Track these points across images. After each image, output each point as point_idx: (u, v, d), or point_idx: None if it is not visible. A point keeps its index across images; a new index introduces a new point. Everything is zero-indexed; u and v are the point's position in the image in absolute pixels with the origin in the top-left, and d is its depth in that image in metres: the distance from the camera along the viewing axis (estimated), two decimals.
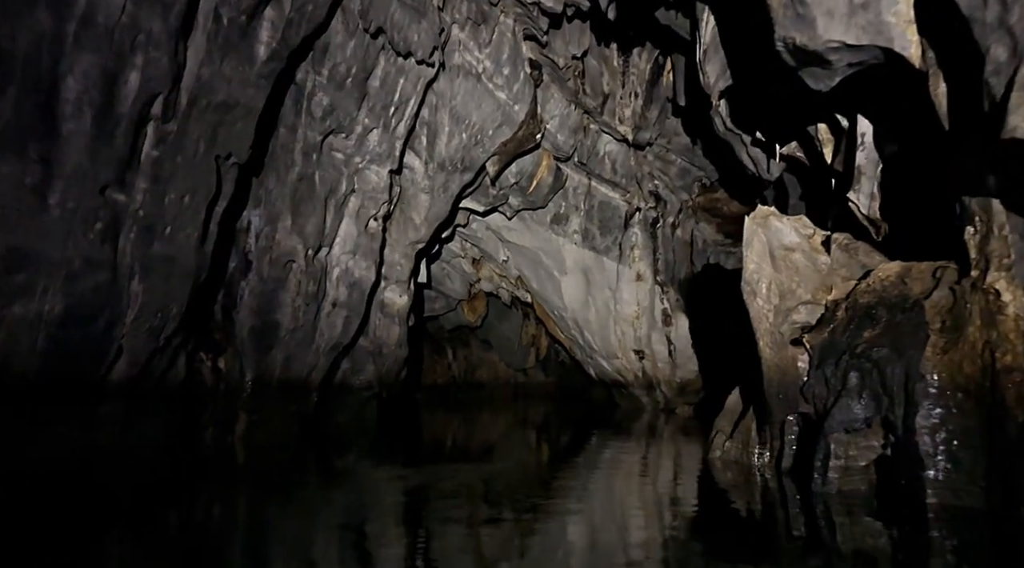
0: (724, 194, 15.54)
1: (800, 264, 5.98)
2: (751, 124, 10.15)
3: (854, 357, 5.33)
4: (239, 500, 6.38)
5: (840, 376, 5.39)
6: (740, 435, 6.99)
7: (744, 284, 6.04)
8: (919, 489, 5.00)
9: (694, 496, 6.12)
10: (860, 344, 5.37)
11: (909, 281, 5.49)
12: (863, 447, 5.38)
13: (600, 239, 15.27)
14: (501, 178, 13.53)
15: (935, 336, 5.08)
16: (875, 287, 5.63)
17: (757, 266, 5.95)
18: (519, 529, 4.87)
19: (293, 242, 9.79)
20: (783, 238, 6.05)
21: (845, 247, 6.33)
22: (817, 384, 5.59)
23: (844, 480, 5.44)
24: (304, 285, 10.04)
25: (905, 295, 5.44)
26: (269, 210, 9.78)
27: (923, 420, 4.97)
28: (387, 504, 5.88)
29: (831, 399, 5.47)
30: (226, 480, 7.38)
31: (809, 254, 6.04)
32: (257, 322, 9.75)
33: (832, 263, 6.14)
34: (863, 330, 5.51)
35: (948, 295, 5.18)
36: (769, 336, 5.89)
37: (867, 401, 5.27)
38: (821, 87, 6.16)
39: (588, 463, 8.29)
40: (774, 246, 6.00)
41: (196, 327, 9.69)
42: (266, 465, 8.41)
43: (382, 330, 12.23)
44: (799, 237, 6.09)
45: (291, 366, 10.24)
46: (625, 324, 15.35)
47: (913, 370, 5.02)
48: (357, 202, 10.64)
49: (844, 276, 6.21)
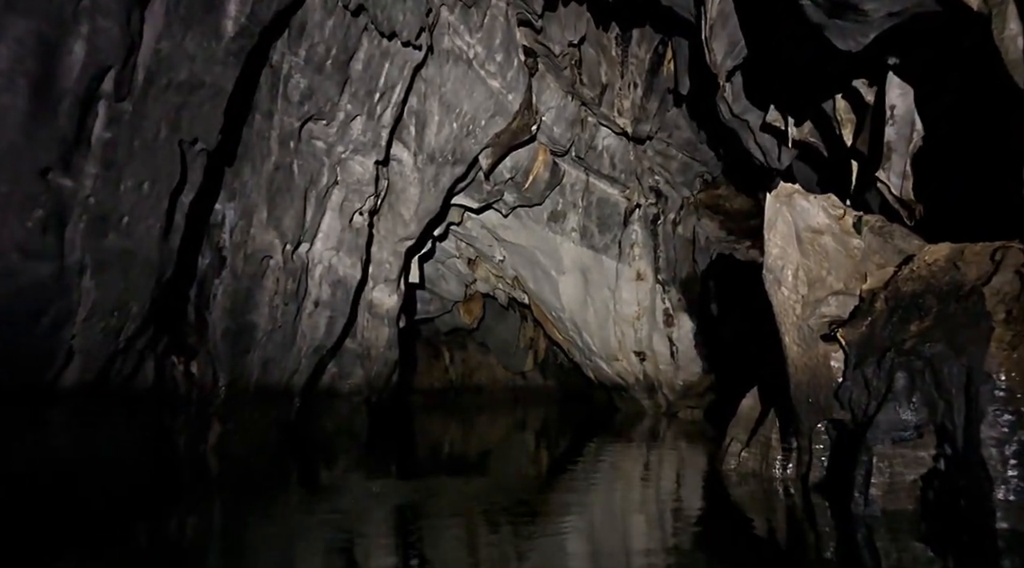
0: (727, 190, 14.62)
1: (830, 248, 5.04)
2: (760, 107, 9.23)
3: (901, 354, 4.38)
4: (204, 518, 5.44)
5: (884, 377, 4.44)
6: (759, 444, 6.04)
7: (766, 272, 5.10)
8: (985, 512, 4.04)
9: (710, 515, 5.17)
10: (908, 339, 4.42)
11: (962, 265, 4.55)
12: (911, 460, 4.43)
13: (599, 237, 14.33)
14: (495, 173, 12.60)
15: (1000, 329, 4.13)
16: (921, 273, 4.69)
17: (781, 251, 5.01)
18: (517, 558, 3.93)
19: (269, 237, 8.86)
20: (810, 219, 5.11)
21: (879, 230, 5.39)
22: (855, 387, 4.64)
23: (888, 498, 4.49)
24: (283, 283, 9.11)
25: (959, 281, 4.50)
26: (244, 203, 8.86)
27: (989, 429, 4.02)
28: (373, 523, 4.94)
29: (873, 404, 4.52)
30: (193, 494, 6.44)
31: (840, 237, 5.10)
32: (231, 323, 8.81)
33: (865, 248, 5.20)
34: (908, 323, 4.57)
35: (1013, 280, 4.24)
36: (796, 331, 4.95)
37: (918, 406, 4.32)
38: (851, 46, 5.23)
39: (590, 475, 7.34)
40: (800, 228, 5.07)
41: (167, 329, 8.76)
42: (240, 478, 7.46)
43: (370, 332, 11.29)
44: (828, 218, 5.15)
45: (269, 370, 9.30)
46: (625, 325, 14.40)
47: (976, 369, 4.07)
48: (340, 195, 9.71)
49: (879, 263, 5.27)
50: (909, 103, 6.06)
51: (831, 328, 5.08)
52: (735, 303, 12.09)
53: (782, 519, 4.96)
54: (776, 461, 5.80)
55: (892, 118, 6.13)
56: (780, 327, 5.04)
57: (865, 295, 5.00)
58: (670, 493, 6.01)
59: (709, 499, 5.75)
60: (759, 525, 4.84)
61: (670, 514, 5.10)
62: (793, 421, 5.28)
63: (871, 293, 4.97)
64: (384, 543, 4.45)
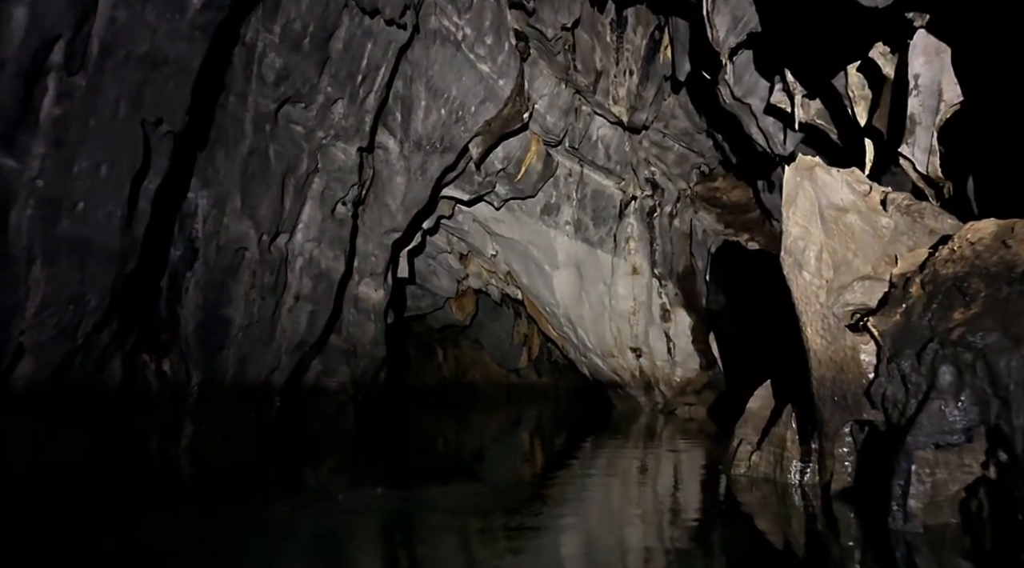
0: (724, 182, 13.95)
1: (856, 228, 4.38)
2: (764, 88, 8.57)
3: (947, 345, 3.71)
4: (171, 530, 4.74)
5: (926, 372, 3.77)
6: (772, 446, 5.36)
7: (784, 255, 4.42)
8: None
9: (721, 527, 4.49)
10: (953, 328, 3.75)
11: (1013, 243, 3.88)
12: (957, 467, 3.75)
13: (593, 230, 13.66)
14: (486, 163, 11.91)
15: None
16: (964, 253, 4.01)
17: (803, 230, 4.34)
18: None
19: (244, 226, 8.16)
20: (833, 195, 4.45)
21: (906, 209, 4.72)
22: (890, 383, 3.96)
23: (928, 512, 3.82)
24: (259, 276, 8.41)
25: (1010, 261, 3.82)
26: (217, 190, 8.16)
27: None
28: (359, 540, 4.25)
29: (912, 403, 3.84)
30: (160, 502, 5.74)
31: (867, 216, 4.43)
32: (203, 317, 8.12)
33: (893, 229, 4.53)
34: (951, 310, 3.89)
35: None
36: (820, 321, 4.27)
37: (967, 405, 3.64)
38: (877, 1, 4.56)
39: (587, 480, 6.64)
40: (823, 205, 4.40)
41: (136, 324, 8.06)
42: (213, 484, 6.75)
43: (356, 327, 10.59)
44: (853, 194, 4.48)
45: (246, 367, 8.60)
46: (621, 320, 13.72)
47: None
48: (321, 183, 9.01)
49: (908, 245, 4.60)
50: (935, 71, 5.39)
51: (854, 317, 4.41)
52: (738, 295, 11.41)
53: (805, 534, 4.28)
54: (793, 466, 5.12)
55: (916, 88, 5.46)
56: (801, 316, 4.37)
57: (896, 280, 4.32)
58: (675, 502, 5.32)
59: (719, 509, 5.06)
60: (779, 542, 4.16)
61: (678, 527, 4.42)
62: (814, 422, 4.60)
63: (903, 278, 4.29)
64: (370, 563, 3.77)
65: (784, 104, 8.21)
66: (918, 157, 5.39)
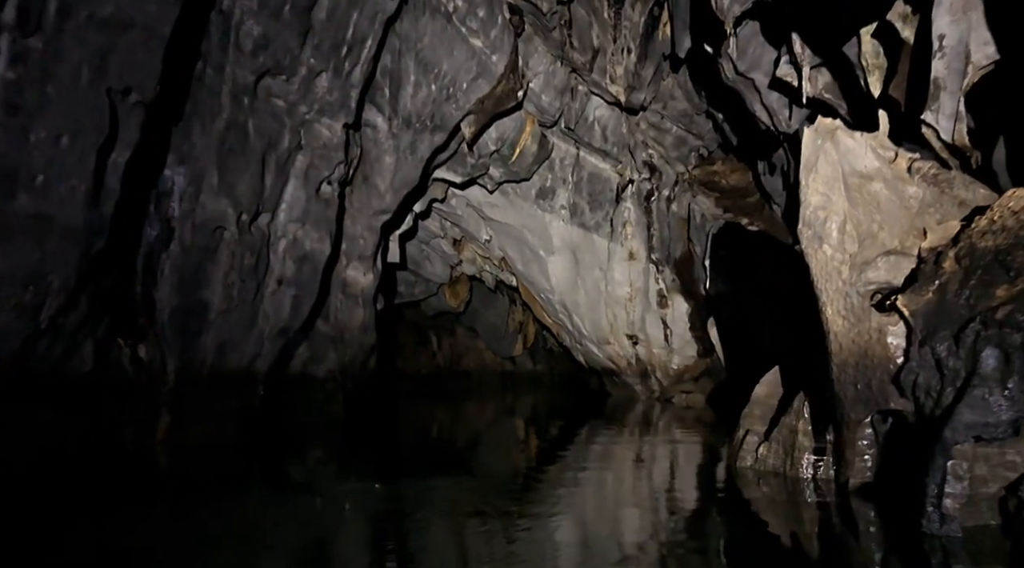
0: (723, 166, 13.44)
1: (882, 198, 3.89)
2: (770, 61, 8.06)
3: (990, 326, 3.23)
4: (144, 527, 4.27)
5: (966, 356, 3.29)
6: (782, 437, 4.89)
7: (803, 227, 3.93)
8: None
9: (729, 528, 4.03)
10: (997, 307, 3.27)
11: None
12: (999, 464, 3.28)
13: (589, 215, 13.14)
14: (479, 144, 11.37)
15: None
16: (1006, 224, 3.52)
17: (824, 199, 3.84)
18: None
19: (221, 205, 7.63)
20: (856, 161, 3.95)
21: (933, 179, 4.22)
22: (923, 369, 3.49)
23: (966, 512, 3.35)
24: (239, 257, 7.89)
25: None
26: (193, 166, 7.62)
27: None
28: (343, 542, 3.79)
29: (949, 391, 3.37)
30: (132, 498, 5.27)
31: (893, 184, 3.94)
32: (179, 301, 7.60)
33: (921, 199, 4.04)
34: (993, 286, 3.42)
35: None
36: (842, 300, 3.79)
37: (1016, 393, 3.17)
38: None
39: (584, 472, 6.18)
40: (845, 172, 3.91)
41: (111, 307, 7.55)
42: (189, 477, 6.30)
43: (344, 313, 10.08)
44: (878, 160, 3.99)
45: (227, 354, 8.09)
46: (617, 307, 13.24)
47: None
48: (305, 161, 8.47)
49: (935, 217, 4.11)
50: (962, 31, 4.88)
51: (875, 297, 3.92)
52: (739, 279, 10.92)
53: (826, 536, 3.81)
54: (805, 459, 4.66)
55: (941, 50, 4.95)
56: (820, 295, 3.88)
57: (926, 255, 3.83)
58: (678, 499, 4.85)
59: (725, 506, 4.59)
60: (797, 546, 3.68)
61: (682, 527, 3.95)
62: (832, 411, 4.13)
63: (934, 252, 3.80)
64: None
65: (791, 77, 7.70)
66: (943, 125, 4.89)
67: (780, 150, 10.22)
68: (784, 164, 10.45)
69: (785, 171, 10.57)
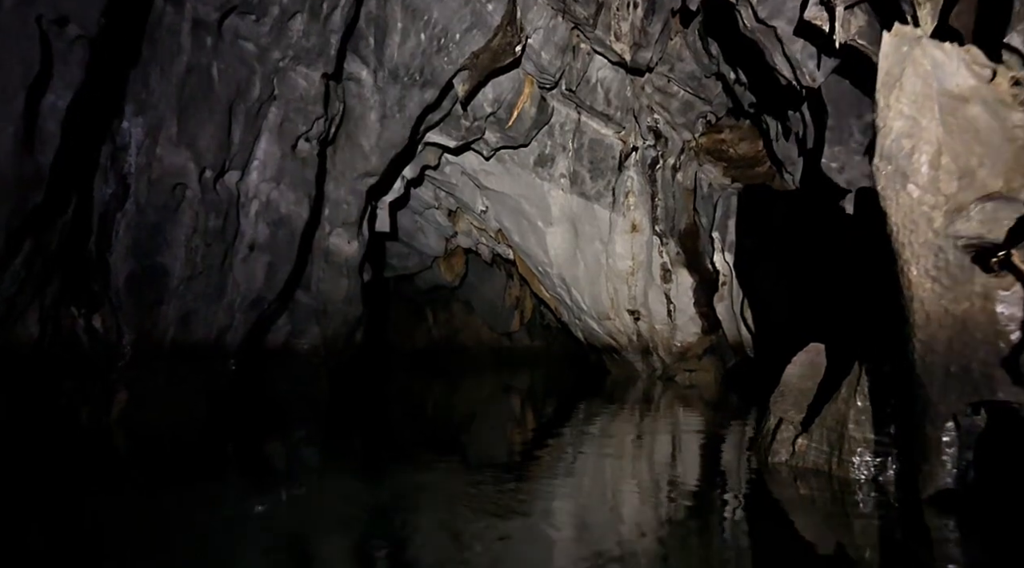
0: (731, 134, 12.37)
1: (981, 125, 2.89)
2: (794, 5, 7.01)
3: None
4: (86, 520, 3.34)
5: None
6: (825, 429, 3.94)
7: (880, 161, 2.93)
8: None
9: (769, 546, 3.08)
10: None
11: None
12: None
13: (590, 184, 12.11)
14: (474, 105, 10.32)
15: None
16: None
17: (911, 124, 2.84)
18: None
19: (181, 158, 6.60)
20: (947, 79, 2.95)
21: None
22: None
23: None
24: (202, 218, 6.88)
25: None
26: (151, 115, 6.60)
27: None
28: (305, 539, 2.85)
29: None
30: (76, 485, 4.34)
31: (994, 109, 2.94)
32: (135, 265, 6.61)
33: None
34: None
35: None
36: (933, 257, 2.82)
37: None
38: None
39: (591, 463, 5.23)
40: (935, 91, 2.92)
41: (62, 272, 6.58)
42: (137, 466, 5.37)
43: (327, 283, 9.10)
44: (974, 78, 2.99)
45: (191, 325, 7.12)
46: (618, 281, 12.26)
47: None
48: (279, 113, 7.44)
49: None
50: None
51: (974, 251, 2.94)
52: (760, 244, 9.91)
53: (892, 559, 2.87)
54: (858, 456, 3.70)
55: None
56: (902, 251, 2.90)
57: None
58: (702, 506, 3.88)
59: (761, 514, 3.63)
60: None
61: (709, 544, 3.00)
62: (910, 401, 3.16)
63: None
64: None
65: (820, 21, 6.65)
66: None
67: (797, 113, 9.18)
68: (800, 129, 9.40)
69: (801, 138, 9.53)
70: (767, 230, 9.95)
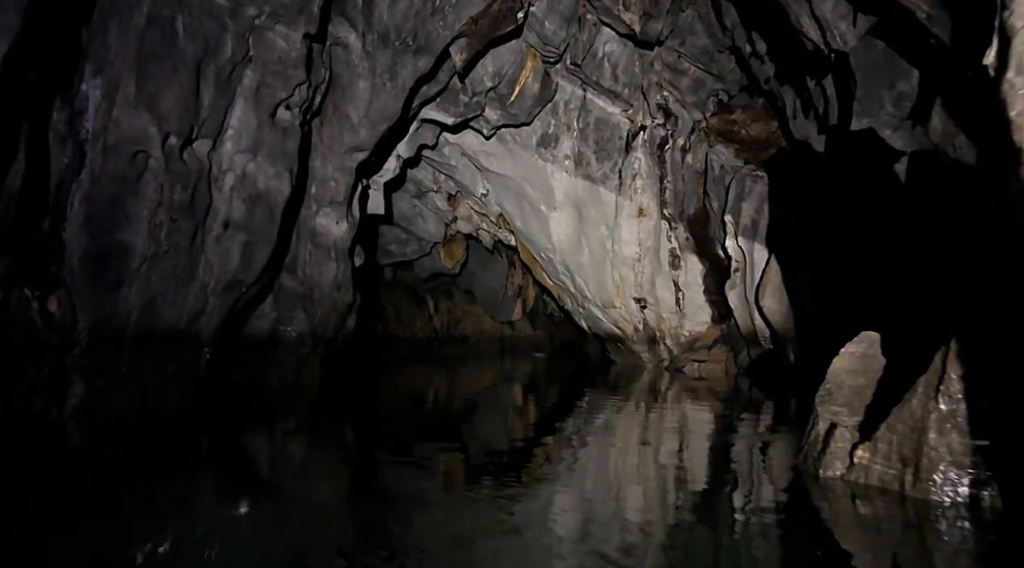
0: (742, 115, 11.47)
1: None
2: None
3: None
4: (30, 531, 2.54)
5: None
6: (899, 438, 3.07)
7: (1016, 75, 2.06)
8: None
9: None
10: None
11: None
12: None
13: (596, 165, 11.22)
14: (474, 79, 9.43)
15: None
16: None
17: None
18: None
19: (141, 122, 5.73)
20: None
21: None
22: None
23: None
24: (168, 191, 6.02)
25: None
26: (109, 74, 5.74)
27: None
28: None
29: None
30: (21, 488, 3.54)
31: None
32: (91, 243, 5.76)
33: None
34: None
35: None
36: None
37: None
38: None
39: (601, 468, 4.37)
40: None
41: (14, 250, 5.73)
42: (88, 459, 4.57)
43: (313, 267, 8.25)
44: None
45: (158, 309, 6.26)
46: (624, 267, 11.38)
47: None
48: (255, 77, 6.56)
49: None
50: None
51: None
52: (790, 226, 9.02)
53: None
54: (942, 474, 2.84)
55: None
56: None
57: None
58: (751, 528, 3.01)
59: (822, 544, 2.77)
60: None
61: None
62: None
63: None
64: None
65: None
66: None
67: (819, 86, 8.28)
68: (822, 104, 8.50)
69: (822, 114, 8.62)
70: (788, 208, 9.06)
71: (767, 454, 4.59)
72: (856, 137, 7.06)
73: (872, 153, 6.86)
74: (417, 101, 8.81)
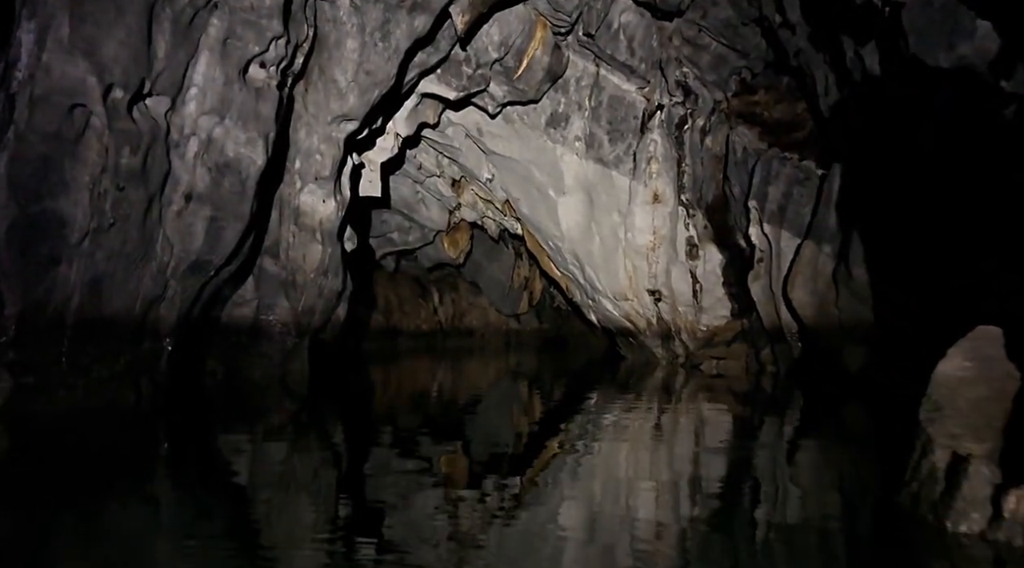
0: (765, 96, 10.30)
1: None
2: None
3: None
4: None
5: None
6: None
7: None
8: None
9: None
10: None
11: None
12: None
13: (609, 147, 10.09)
14: (478, 48, 8.35)
15: None
16: None
17: None
18: None
19: (77, 70, 4.68)
20: None
21: None
22: None
23: None
24: (113, 154, 4.97)
25: None
26: (42, 16, 4.69)
27: None
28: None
29: None
30: None
31: None
32: (18, 213, 4.72)
33: None
34: None
35: None
36: None
37: None
38: None
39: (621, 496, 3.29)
40: None
41: None
42: (28, 475, 3.55)
43: (296, 250, 7.20)
44: None
45: (105, 293, 5.21)
46: (638, 257, 10.26)
47: None
48: (221, 27, 5.49)
49: None
50: None
51: None
52: None
53: None
54: None
55: None
56: None
57: None
58: None
59: None
60: None
61: None
62: None
63: None
64: None
65: None
66: None
67: (859, 55, 7.16)
68: (860, 74, 7.36)
69: (859, 86, 7.49)
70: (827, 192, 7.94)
71: (847, 484, 3.48)
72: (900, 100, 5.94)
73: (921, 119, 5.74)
74: (415, 70, 7.72)
